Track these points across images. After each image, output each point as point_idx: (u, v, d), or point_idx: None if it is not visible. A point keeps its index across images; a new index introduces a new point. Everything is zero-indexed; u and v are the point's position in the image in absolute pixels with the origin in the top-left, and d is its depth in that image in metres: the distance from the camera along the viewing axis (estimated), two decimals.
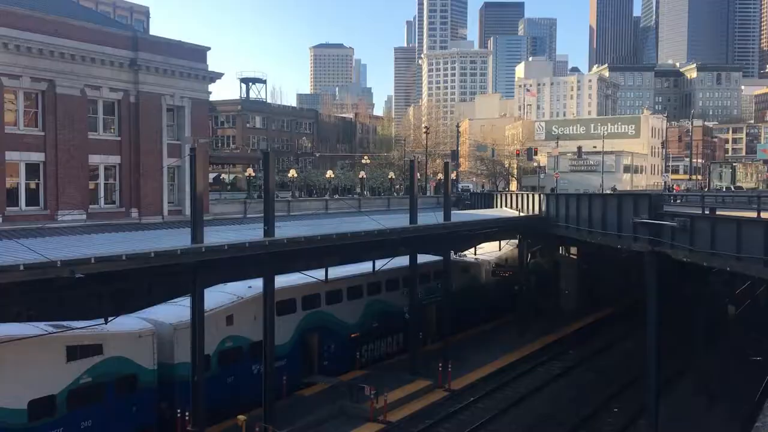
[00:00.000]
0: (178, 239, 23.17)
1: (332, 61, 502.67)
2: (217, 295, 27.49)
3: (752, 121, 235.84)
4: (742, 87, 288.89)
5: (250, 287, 28.73)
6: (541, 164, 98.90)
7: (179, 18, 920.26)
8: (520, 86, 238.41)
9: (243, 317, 28.06)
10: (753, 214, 24.06)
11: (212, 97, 48.08)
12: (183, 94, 40.60)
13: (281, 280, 28.17)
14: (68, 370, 21.94)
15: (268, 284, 25.29)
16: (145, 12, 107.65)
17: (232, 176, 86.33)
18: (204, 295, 23.08)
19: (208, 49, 42.74)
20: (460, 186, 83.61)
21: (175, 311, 26.64)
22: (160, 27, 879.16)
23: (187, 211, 32.92)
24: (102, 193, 37.29)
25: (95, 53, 35.88)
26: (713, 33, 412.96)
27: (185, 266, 21.83)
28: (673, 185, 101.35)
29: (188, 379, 23.61)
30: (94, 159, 36.71)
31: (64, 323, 22.32)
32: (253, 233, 25.63)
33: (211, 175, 70.88)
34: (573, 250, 53.04)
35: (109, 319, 21.57)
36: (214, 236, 23.95)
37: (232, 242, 22.81)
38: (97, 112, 37.03)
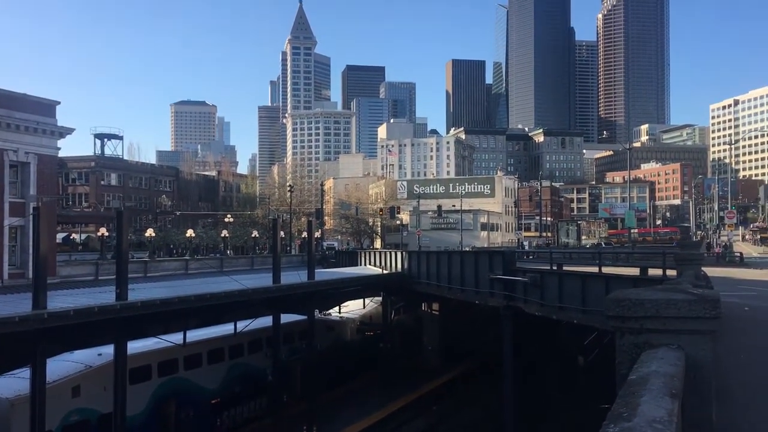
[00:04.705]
0: (18, 305, 21.41)
1: (194, 119, 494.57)
2: (63, 365, 25.56)
3: (594, 182, 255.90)
4: (584, 151, 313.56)
5: (100, 354, 26.96)
6: (404, 222, 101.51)
7: (31, 71, 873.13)
8: (382, 146, 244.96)
9: (91, 388, 26.14)
10: (596, 269, 25.84)
11: (63, 153, 45.54)
12: (28, 149, 38.13)
13: (136, 346, 26.67)
14: None
15: (120, 351, 23.84)
16: None
17: (84, 236, 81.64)
18: (47, 366, 21.32)
19: (58, 103, 40.62)
20: (325, 244, 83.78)
21: (13, 384, 24.41)
22: (6, 80, 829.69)
23: (32, 274, 30.51)
24: None
25: None
26: (557, 101, 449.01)
27: (25, 335, 20.11)
28: (535, 242, 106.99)
29: None
30: None
31: None
32: (105, 297, 24.23)
33: (61, 235, 66.58)
34: (435, 306, 54.22)
35: None
36: (61, 301, 22.38)
37: (80, 307, 21.38)
38: None
